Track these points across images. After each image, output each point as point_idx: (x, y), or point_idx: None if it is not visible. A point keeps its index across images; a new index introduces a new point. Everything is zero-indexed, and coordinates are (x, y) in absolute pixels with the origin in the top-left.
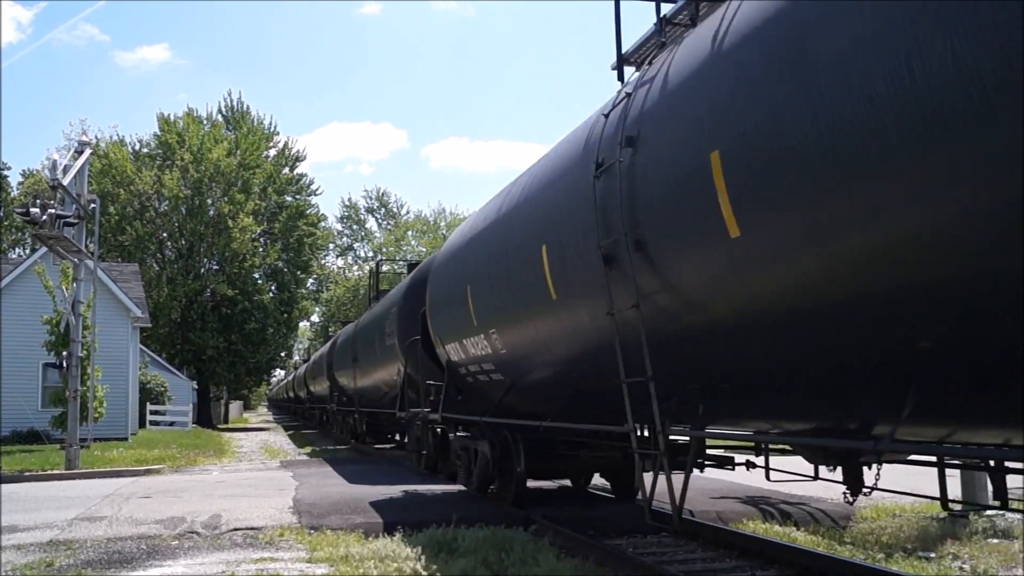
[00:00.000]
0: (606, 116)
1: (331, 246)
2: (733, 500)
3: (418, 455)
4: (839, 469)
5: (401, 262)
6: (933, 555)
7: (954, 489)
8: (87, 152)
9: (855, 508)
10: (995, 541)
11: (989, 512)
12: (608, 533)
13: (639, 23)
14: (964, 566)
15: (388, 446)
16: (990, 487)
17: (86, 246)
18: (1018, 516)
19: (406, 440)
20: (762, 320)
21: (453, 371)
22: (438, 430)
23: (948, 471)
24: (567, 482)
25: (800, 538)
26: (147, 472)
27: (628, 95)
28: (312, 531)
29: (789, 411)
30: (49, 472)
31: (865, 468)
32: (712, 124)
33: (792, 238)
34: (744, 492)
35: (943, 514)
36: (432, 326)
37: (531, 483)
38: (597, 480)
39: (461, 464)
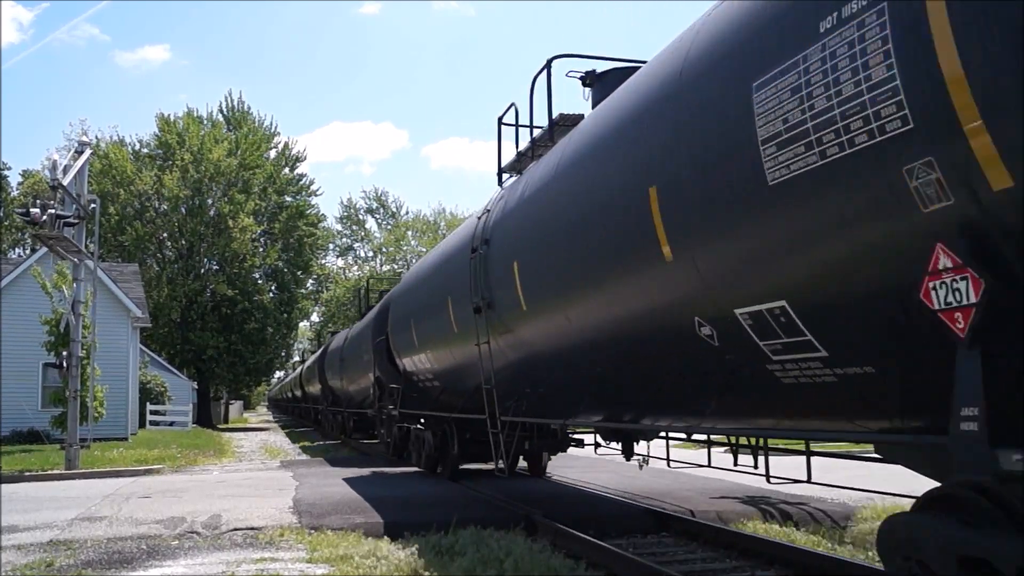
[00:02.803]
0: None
1: (331, 246)
2: (733, 500)
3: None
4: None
5: (402, 261)
6: None
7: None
8: (87, 152)
9: (855, 508)
10: None
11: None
12: (609, 533)
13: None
14: None
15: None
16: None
17: (86, 246)
18: None
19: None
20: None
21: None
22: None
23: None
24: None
25: (800, 538)
26: (147, 472)
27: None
28: (312, 531)
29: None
30: (49, 472)
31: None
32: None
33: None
34: (744, 492)
35: None
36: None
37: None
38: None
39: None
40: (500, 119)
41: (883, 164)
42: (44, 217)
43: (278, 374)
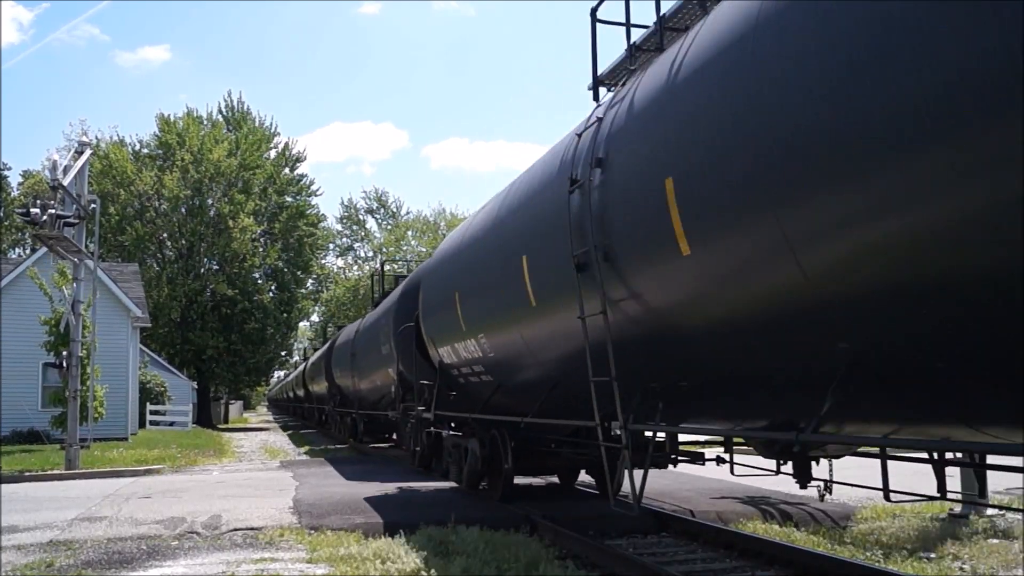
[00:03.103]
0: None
1: (331, 246)
2: (733, 500)
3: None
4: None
5: (402, 261)
6: (933, 555)
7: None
8: (87, 152)
9: (855, 508)
10: (995, 541)
11: (990, 512)
12: (608, 533)
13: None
14: (964, 566)
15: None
16: (989, 486)
17: (86, 246)
18: (1018, 516)
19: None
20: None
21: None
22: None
23: (949, 469)
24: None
25: (800, 538)
26: (147, 472)
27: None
28: (312, 531)
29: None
30: (49, 472)
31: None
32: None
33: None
34: (744, 492)
35: (943, 514)
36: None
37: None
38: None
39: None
40: (594, 12)
41: None
42: (44, 217)
43: (279, 373)
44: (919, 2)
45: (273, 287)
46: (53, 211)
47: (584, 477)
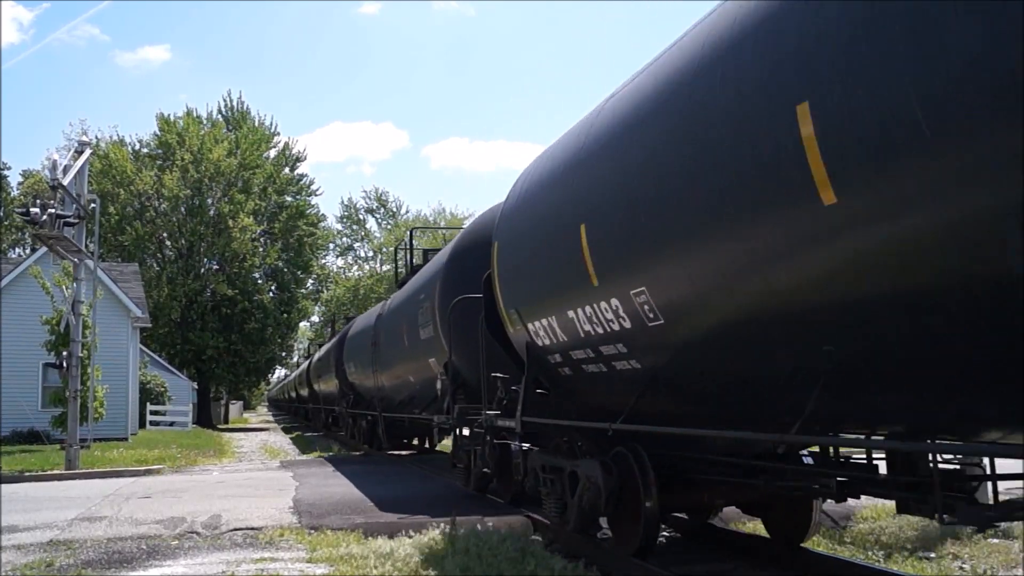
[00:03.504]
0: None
1: (331, 246)
2: None
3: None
4: None
5: (401, 261)
6: (933, 555)
7: None
8: (87, 152)
9: (855, 508)
10: (995, 541)
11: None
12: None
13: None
14: (964, 566)
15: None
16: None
17: (86, 246)
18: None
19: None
20: None
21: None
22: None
23: None
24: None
25: None
26: (147, 472)
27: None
28: (312, 531)
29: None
30: (49, 472)
31: None
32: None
33: None
34: None
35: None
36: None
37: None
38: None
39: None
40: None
41: None
42: (44, 217)
43: (280, 372)
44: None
45: (273, 287)
46: (53, 211)
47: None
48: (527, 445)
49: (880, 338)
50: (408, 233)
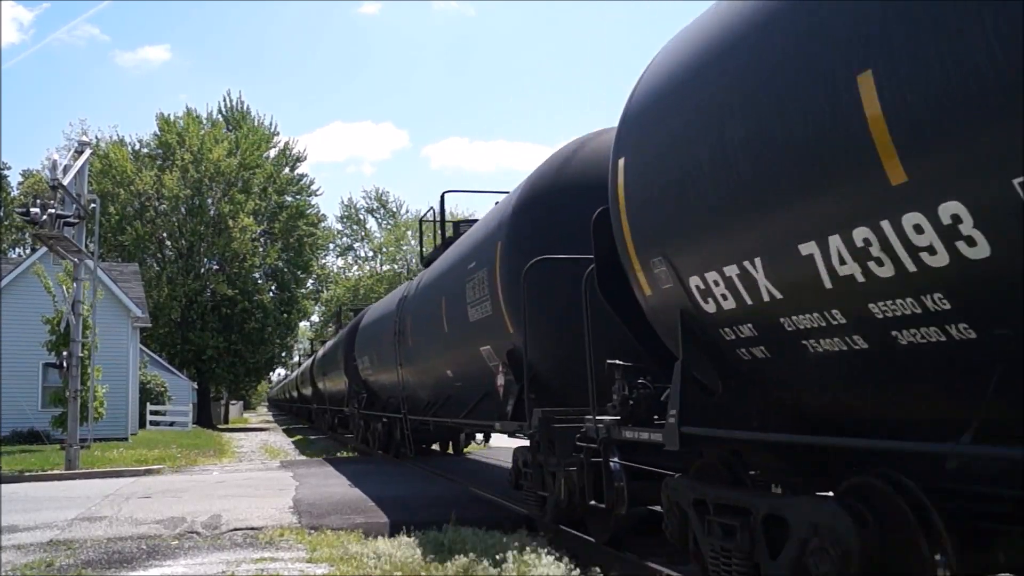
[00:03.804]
0: None
1: (331, 246)
2: None
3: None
4: None
5: (400, 261)
6: None
7: None
8: (87, 152)
9: None
10: None
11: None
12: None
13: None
14: None
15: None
16: None
17: (86, 246)
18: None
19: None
20: None
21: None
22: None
23: None
24: None
25: None
26: (147, 472)
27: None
28: (312, 531)
29: None
30: (49, 472)
31: None
32: None
33: None
34: None
35: None
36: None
37: None
38: None
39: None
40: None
41: None
42: (44, 217)
43: (280, 371)
44: None
45: (273, 287)
46: (53, 211)
47: None
48: (618, 462)
49: None
50: (440, 197)
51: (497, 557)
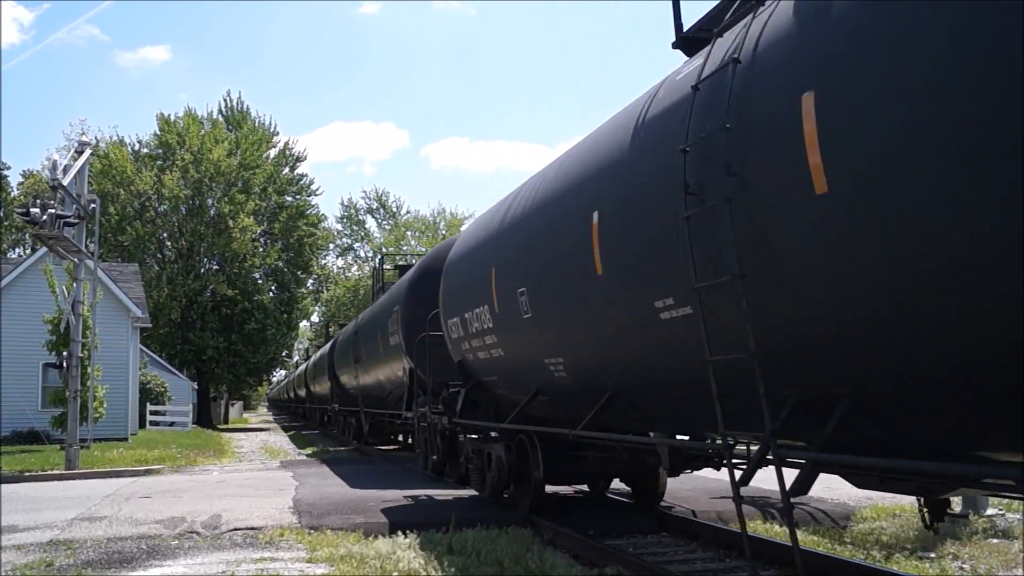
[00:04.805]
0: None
1: (331, 246)
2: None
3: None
4: None
5: (406, 255)
6: (933, 555)
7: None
8: (87, 152)
9: (855, 508)
10: (995, 541)
11: (989, 512)
12: (609, 534)
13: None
14: (964, 566)
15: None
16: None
17: (86, 246)
18: (1018, 516)
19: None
20: None
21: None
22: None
23: None
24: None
25: (800, 538)
26: (147, 472)
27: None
28: (312, 531)
29: None
30: (49, 472)
31: None
32: None
33: None
34: (744, 492)
35: None
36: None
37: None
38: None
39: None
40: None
41: None
42: (44, 217)
43: (279, 372)
44: None
45: (273, 287)
46: (53, 211)
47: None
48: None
49: None
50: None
51: (497, 557)
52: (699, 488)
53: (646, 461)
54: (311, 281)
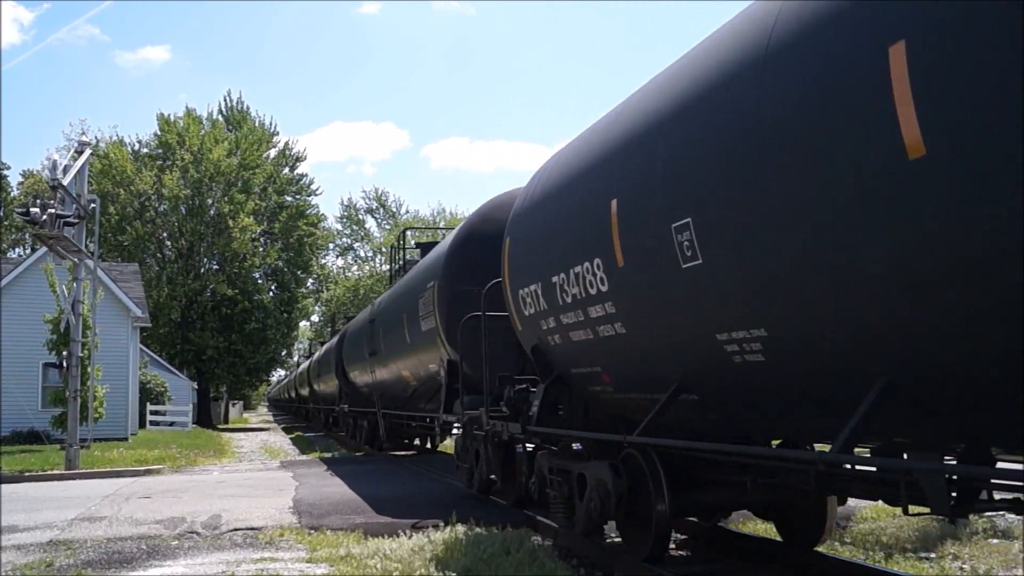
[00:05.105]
0: None
1: (331, 246)
2: None
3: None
4: None
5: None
6: (933, 555)
7: None
8: (87, 152)
9: (855, 508)
10: (995, 541)
11: (989, 512)
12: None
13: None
14: (964, 566)
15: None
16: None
17: (86, 246)
18: (1018, 516)
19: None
20: None
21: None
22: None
23: None
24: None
25: None
26: (147, 472)
27: None
28: (312, 531)
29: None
30: (49, 472)
31: None
32: None
33: None
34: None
35: None
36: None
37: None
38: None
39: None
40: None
41: None
42: (44, 217)
43: (279, 372)
44: None
45: (273, 287)
46: (53, 211)
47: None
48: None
49: None
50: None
51: (497, 558)
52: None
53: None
54: (311, 281)
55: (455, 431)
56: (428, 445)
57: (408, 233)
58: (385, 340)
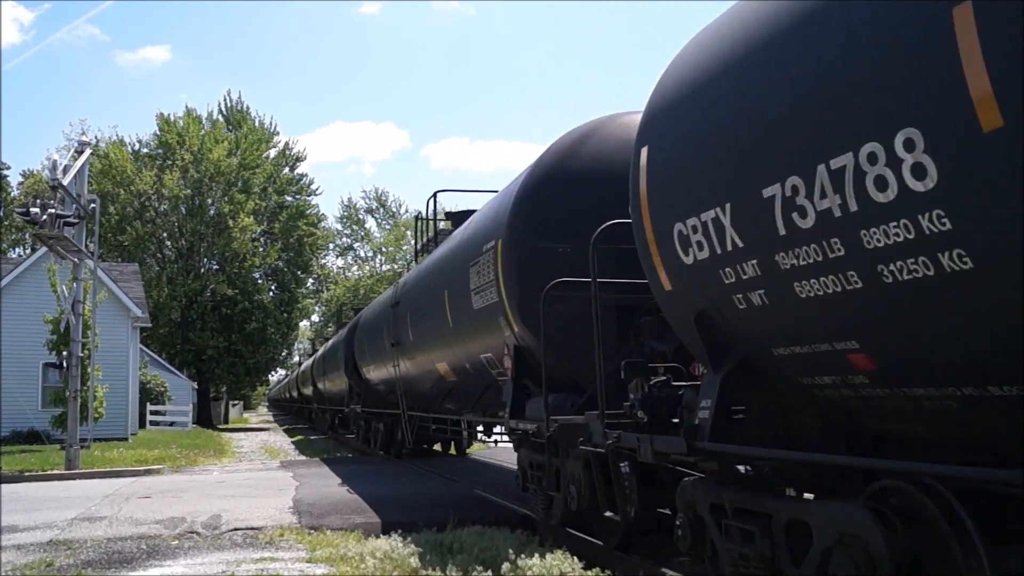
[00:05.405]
0: None
1: (331, 246)
2: None
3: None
4: None
5: (400, 261)
6: None
7: None
8: (87, 152)
9: None
10: None
11: None
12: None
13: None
14: None
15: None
16: None
17: (86, 246)
18: None
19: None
20: None
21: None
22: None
23: None
24: None
25: None
26: (147, 472)
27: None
28: (312, 531)
29: None
30: (49, 472)
31: None
32: None
33: None
34: None
35: None
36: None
37: None
38: None
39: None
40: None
41: None
42: (44, 217)
43: (280, 372)
44: None
45: (273, 287)
46: (53, 211)
47: None
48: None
49: None
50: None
51: (497, 558)
52: None
53: None
54: (311, 281)
55: (479, 435)
56: (451, 450)
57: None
58: (414, 327)
